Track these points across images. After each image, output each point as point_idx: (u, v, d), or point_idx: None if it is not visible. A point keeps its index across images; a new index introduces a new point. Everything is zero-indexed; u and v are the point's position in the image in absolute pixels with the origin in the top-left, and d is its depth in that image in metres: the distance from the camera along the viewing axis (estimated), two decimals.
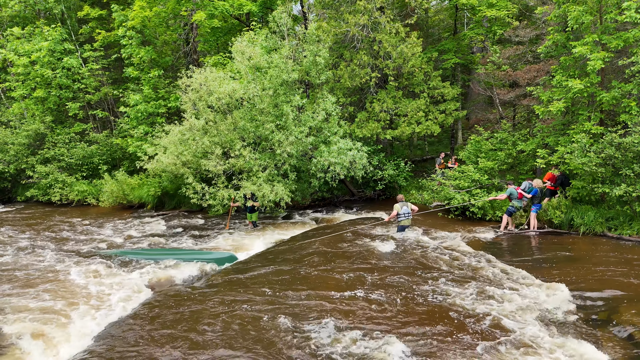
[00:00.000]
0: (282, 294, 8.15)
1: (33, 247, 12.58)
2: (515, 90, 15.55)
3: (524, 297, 7.67)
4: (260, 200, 13.21)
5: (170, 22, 20.27)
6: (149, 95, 19.30)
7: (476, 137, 15.64)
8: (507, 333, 6.44)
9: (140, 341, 6.62)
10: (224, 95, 13.68)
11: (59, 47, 21.05)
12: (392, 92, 16.68)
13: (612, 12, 11.20)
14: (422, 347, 6.12)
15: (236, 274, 9.60)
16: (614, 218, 11.37)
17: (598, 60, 10.83)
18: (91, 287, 8.99)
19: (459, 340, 6.28)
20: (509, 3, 16.57)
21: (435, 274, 8.92)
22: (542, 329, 6.57)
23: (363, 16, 15.46)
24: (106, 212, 18.46)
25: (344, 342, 6.28)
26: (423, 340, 6.31)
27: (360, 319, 6.97)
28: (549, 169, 13.19)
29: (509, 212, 12.15)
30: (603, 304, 7.38)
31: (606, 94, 11.34)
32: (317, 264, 9.81)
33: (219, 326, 6.91)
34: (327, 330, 6.61)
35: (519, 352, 5.95)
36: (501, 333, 6.44)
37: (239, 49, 14.52)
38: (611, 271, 8.82)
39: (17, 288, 8.86)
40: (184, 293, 8.54)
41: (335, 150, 13.83)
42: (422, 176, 18.12)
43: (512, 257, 10.03)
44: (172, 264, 10.53)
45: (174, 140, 14.37)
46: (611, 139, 10.75)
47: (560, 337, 6.34)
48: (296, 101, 13.94)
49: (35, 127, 20.90)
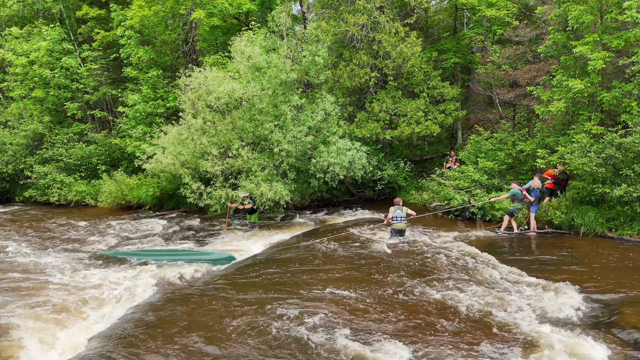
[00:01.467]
0: (281, 295, 8.10)
1: (32, 247, 12.52)
2: (515, 90, 15.50)
3: (526, 298, 7.62)
4: (258, 200, 13.13)
5: (169, 21, 20.21)
6: (148, 95, 19.24)
7: (476, 137, 15.59)
8: (508, 334, 6.39)
9: (139, 342, 6.57)
10: (223, 94, 13.62)
11: (58, 47, 20.98)
12: (392, 92, 16.63)
13: (612, 11, 11.15)
14: (424, 349, 6.06)
15: (235, 275, 9.55)
16: (615, 218, 11.32)
17: (599, 60, 10.78)
18: (90, 288, 8.93)
19: (460, 341, 6.23)
20: (508, 3, 16.51)
21: (435, 275, 8.86)
22: (545, 330, 6.51)
23: (362, 16, 15.41)
24: (105, 213, 18.40)
25: (345, 344, 6.22)
26: (424, 341, 6.26)
27: (360, 321, 6.92)
28: (549, 168, 13.13)
29: (510, 212, 12.08)
30: (606, 306, 7.31)
31: (607, 93, 11.29)
32: (316, 266, 9.76)
33: (218, 328, 6.87)
34: (328, 333, 6.56)
35: (521, 353, 5.89)
36: (503, 334, 6.39)
37: (238, 49, 14.46)
38: (613, 272, 8.77)
39: (16, 289, 8.80)
40: (183, 294, 8.49)
41: (334, 150, 13.76)
42: (422, 176, 18.07)
43: (512, 258, 9.97)
44: (171, 264, 10.48)
45: (172, 141, 14.32)
46: (611, 139, 10.70)
47: (564, 338, 6.28)
48: (295, 101, 13.88)
49: (34, 127, 20.83)
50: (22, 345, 6.60)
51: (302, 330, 6.64)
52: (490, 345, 6.12)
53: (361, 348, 6.09)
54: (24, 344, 6.63)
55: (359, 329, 6.63)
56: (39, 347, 6.61)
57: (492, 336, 6.36)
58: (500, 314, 7.02)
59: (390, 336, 6.39)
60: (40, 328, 7.07)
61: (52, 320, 7.37)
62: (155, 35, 20.57)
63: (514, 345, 6.12)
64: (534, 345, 6.09)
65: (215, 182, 13.72)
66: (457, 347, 6.10)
